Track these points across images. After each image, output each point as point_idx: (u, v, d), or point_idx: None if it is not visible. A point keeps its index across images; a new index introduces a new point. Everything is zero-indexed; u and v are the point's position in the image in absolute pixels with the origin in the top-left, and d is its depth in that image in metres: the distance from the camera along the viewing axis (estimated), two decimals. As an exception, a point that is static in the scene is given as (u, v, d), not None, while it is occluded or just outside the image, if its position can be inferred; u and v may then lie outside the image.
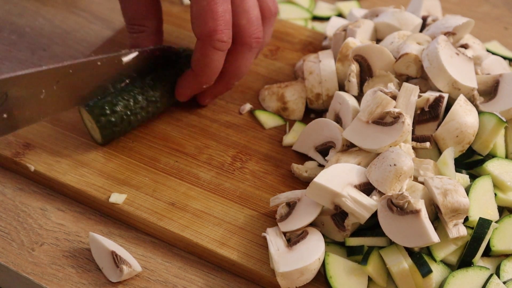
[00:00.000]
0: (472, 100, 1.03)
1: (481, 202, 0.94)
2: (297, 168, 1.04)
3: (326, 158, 1.02)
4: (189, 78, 1.08)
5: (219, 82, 1.10)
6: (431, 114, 1.00)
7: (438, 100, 1.00)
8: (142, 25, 1.10)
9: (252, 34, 1.06)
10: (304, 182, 1.03)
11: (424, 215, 0.87)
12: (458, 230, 0.90)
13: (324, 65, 1.11)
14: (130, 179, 1.03)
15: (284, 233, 0.94)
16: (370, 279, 0.91)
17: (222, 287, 0.93)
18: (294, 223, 0.93)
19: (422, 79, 1.06)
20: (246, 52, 1.08)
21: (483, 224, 0.90)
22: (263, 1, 1.09)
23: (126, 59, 1.05)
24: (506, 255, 0.94)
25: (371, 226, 0.94)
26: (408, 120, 0.95)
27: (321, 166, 1.04)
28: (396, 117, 0.95)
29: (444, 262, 0.91)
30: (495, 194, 0.96)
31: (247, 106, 1.15)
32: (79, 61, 1.00)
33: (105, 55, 1.03)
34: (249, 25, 1.06)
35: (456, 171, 0.96)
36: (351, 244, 0.92)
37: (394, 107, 0.97)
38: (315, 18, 1.38)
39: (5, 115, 0.94)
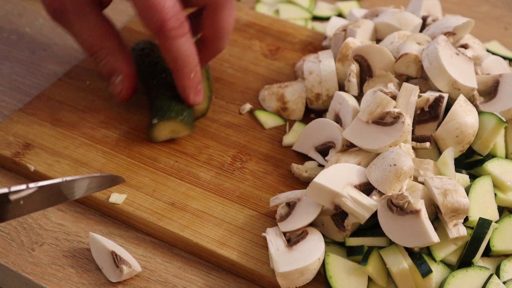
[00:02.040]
0: (472, 100, 1.03)
1: (481, 202, 0.94)
2: (297, 168, 1.04)
3: (326, 158, 1.02)
4: (180, 79, 1.05)
5: (209, 47, 1.08)
6: (431, 114, 1.00)
7: (438, 100, 1.00)
8: (104, 47, 1.06)
9: None
10: (304, 182, 1.03)
11: (424, 215, 0.87)
12: (458, 230, 0.90)
13: (324, 65, 1.11)
14: (130, 179, 1.03)
15: (284, 233, 0.94)
16: (370, 279, 0.91)
17: (222, 287, 0.93)
18: (294, 223, 0.93)
19: (422, 79, 1.06)
20: (221, 11, 1.05)
21: (483, 224, 0.90)
22: None
23: (15, 196, 0.79)
24: (506, 255, 0.94)
25: (371, 226, 0.94)
26: (408, 120, 0.95)
27: (321, 166, 1.04)
28: (396, 117, 0.95)
29: (444, 262, 0.91)
30: (495, 194, 0.96)
31: (247, 106, 1.15)
32: None
33: None
34: None
35: (456, 171, 0.96)
36: (351, 244, 0.92)
37: (394, 107, 0.97)
38: (315, 18, 1.38)
39: None
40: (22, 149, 1.06)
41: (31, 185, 0.77)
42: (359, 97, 1.05)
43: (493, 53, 1.20)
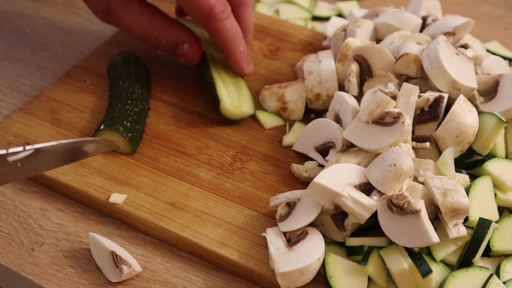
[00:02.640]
0: (472, 100, 1.03)
1: (481, 202, 0.94)
2: (297, 168, 1.04)
3: (326, 158, 1.02)
4: (233, 55, 1.13)
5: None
6: (431, 114, 1.00)
7: (438, 100, 1.00)
8: (159, 27, 1.12)
9: None
10: (304, 182, 1.03)
11: (424, 215, 0.87)
12: (458, 230, 0.90)
13: (324, 65, 1.11)
14: (130, 179, 1.03)
15: (284, 233, 0.94)
16: (370, 279, 0.91)
17: (222, 287, 0.93)
18: (294, 223, 0.93)
19: (422, 79, 1.06)
20: (244, 9, 1.15)
21: (483, 224, 0.90)
22: None
23: (13, 158, 0.84)
24: (506, 255, 0.94)
25: (371, 226, 0.94)
26: (408, 120, 0.95)
27: (321, 166, 1.04)
28: (396, 117, 0.95)
29: (444, 262, 0.91)
30: (495, 194, 0.96)
31: None
32: None
33: None
34: None
35: (456, 171, 0.96)
36: (351, 244, 0.92)
37: (394, 107, 0.97)
38: (315, 18, 1.38)
39: None
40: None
41: (28, 147, 0.83)
42: (359, 97, 1.05)
43: (493, 53, 1.20)
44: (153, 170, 1.05)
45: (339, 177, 0.92)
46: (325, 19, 1.38)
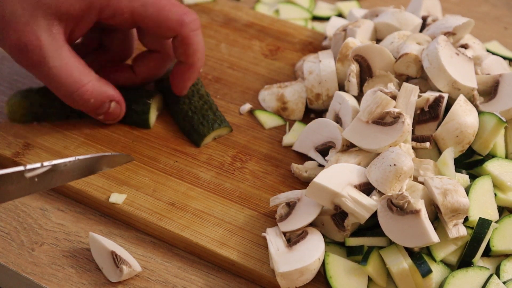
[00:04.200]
0: (472, 100, 1.03)
1: (481, 202, 0.94)
2: (297, 168, 1.04)
3: (326, 158, 1.02)
4: (193, 72, 1.07)
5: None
6: (431, 114, 1.00)
7: (438, 100, 1.00)
8: (90, 80, 1.02)
9: (183, 15, 1.03)
10: (304, 182, 1.03)
11: (424, 215, 0.87)
12: (458, 230, 0.90)
13: (324, 65, 1.11)
14: (130, 179, 1.03)
15: (284, 233, 0.94)
16: (370, 279, 0.91)
17: (222, 287, 0.93)
18: (294, 223, 0.93)
19: (422, 79, 1.06)
20: (193, 37, 1.05)
21: (483, 224, 0.90)
22: None
23: (30, 174, 0.83)
24: (506, 255, 0.94)
25: (371, 226, 0.94)
26: (408, 120, 0.95)
27: (321, 166, 1.04)
28: (396, 117, 0.95)
29: (444, 262, 0.91)
30: (495, 194, 0.96)
31: (247, 106, 1.15)
32: None
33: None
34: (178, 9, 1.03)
35: (456, 171, 0.96)
36: (351, 244, 0.92)
37: (394, 107, 0.97)
38: (315, 18, 1.38)
39: None
40: (22, 149, 1.06)
41: (46, 163, 0.81)
42: (359, 97, 1.05)
43: (493, 53, 1.19)
44: (153, 170, 1.05)
45: (339, 177, 0.92)
46: (325, 19, 1.38)
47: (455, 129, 0.97)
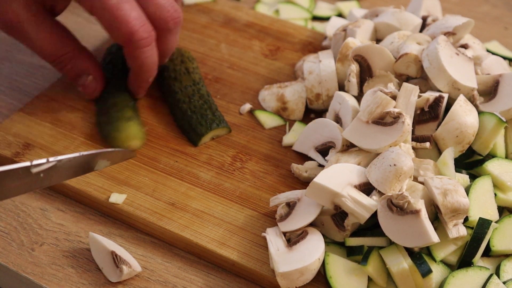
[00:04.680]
0: (472, 100, 1.03)
1: (481, 202, 0.94)
2: (297, 168, 1.04)
3: (326, 158, 1.02)
4: (140, 81, 1.10)
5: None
6: (431, 114, 1.00)
7: (438, 100, 1.00)
8: (68, 51, 1.08)
9: (167, 18, 1.06)
10: (304, 182, 1.03)
11: (424, 215, 0.87)
12: (458, 230, 0.90)
13: (324, 65, 1.11)
14: (130, 179, 1.03)
15: (284, 233, 0.94)
16: (370, 279, 0.91)
17: (222, 287, 0.93)
18: (294, 223, 0.93)
19: (422, 79, 1.06)
20: (168, 36, 1.08)
21: (483, 224, 0.90)
22: None
23: (36, 170, 0.86)
24: (506, 255, 0.94)
25: (371, 226, 0.94)
26: (408, 120, 0.95)
27: (321, 166, 1.04)
28: (396, 117, 0.95)
29: (444, 262, 0.91)
30: (495, 194, 0.96)
31: (247, 106, 1.15)
32: None
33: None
34: (160, 11, 1.05)
35: (456, 171, 0.96)
36: (351, 244, 0.92)
37: (394, 107, 0.97)
38: (315, 18, 1.38)
39: None
40: (22, 149, 1.06)
41: (51, 159, 0.85)
42: (359, 97, 1.05)
43: (493, 53, 1.19)
44: (153, 170, 1.05)
45: (339, 177, 0.92)
46: (325, 19, 1.38)
47: (455, 129, 0.97)
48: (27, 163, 0.83)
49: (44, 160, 0.84)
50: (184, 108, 1.10)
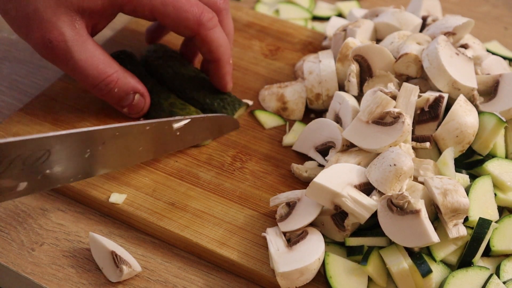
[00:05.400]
0: (472, 100, 1.03)
1: (481, 202, 0.94)
2: (297, 168, 1.04)
3: (326, 158, 1.02)
4: (223, 66, 1.10)
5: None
6: (431, 114, 1.00)
7: (438, 100, 1.00)
8: (114, 71, 1.05)
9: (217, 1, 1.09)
10: (304, 182, 1.03)
11: (424, 215, 0.87)
12: (458, 230, 0.90)
13: (324, 65, 1.11)
14: (130, 179, 1.03)
15: (284, 233, 0.94)
16: (370, 279, 0.91)
17: (222, 287, 0.93)
18: (294, 223, 0.93)
19: (422, 79, 1.06)
20: (222, 17, 1.10)
21: (483, 224, 0.90)
22: None
23: (177, 125, 1.01)
24: (506, 255, 0.94)
25: (371, 226, 0.94)
26: (408, 120, 0.95)
27: (321, 166, 1.04)
28: (396, 117, 0.95)
29: (444, 262, 0.91)
30: (495, 194, 0.96)
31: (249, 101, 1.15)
32: (127, 124, 0.96)
33: (155, 120, 0.99)
34: None
35: (456, 171, 0.96)
36: (351, 244, 0.92)
37: (394, 107, 0.97)
38: (315, 18, 1.39)
39: (47, 171, 0.90)
40: (22, 149, 1.06)
41: (187, 117, 1.02)
42: (359, 97, 1.05)
43: (493, 53, 1.20)
44: (153, 170, 1.05)
45: (339, 177, 0.92)
46: (325, 19, 1.38)
47: (455, 129, 0.97)
48: (170, 118, 0.99)
49: (181, 117, 1.01)
50: (201, 98, 1.12)
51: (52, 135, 0.88)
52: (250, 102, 1.15)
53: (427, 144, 0.98)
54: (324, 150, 1.03)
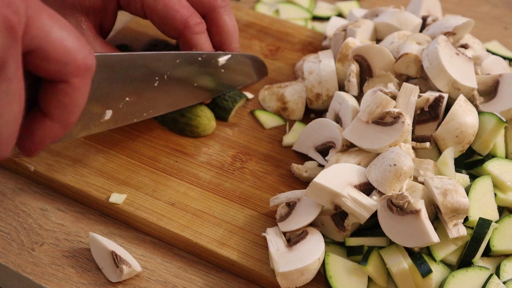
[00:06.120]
0: (472, 100, 1.03)
1: (481, 202, 0.94)
2: (297, 168, 1.04)
3: (326, 158, 1.02)
4: None
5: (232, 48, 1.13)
6: (431, 114, 1.00)
7: (438, 100, 1.00)
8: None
9: None
10: (304, 182, 1.03)
11: (424, 215, 0.87)
12: (458, 230, 0.90)
13: (324, 65, 1.11)
14: (130, 179, 1.03)
15: (284, 233, 0.94)
16: (370, 279, 0.91)
17: (222, 287, 0.93)
18: (294, 223, 0.93)
19: (422, 79, 1.06)
20: (223, 14, 1.10)
21: (483, 224, 0.90)
22: None
23: (221, 59, 1.07)
24: (506, 255, 0.94)
25: (371, 226, 0.94)
26: (408, 120, 0.95)
27: (321, 166, 1.04)
28: (396, 117, 0.95)
29: (444, 262, 0.91)
30: (495, 194, 0.96)
31: (249, 95, 1.15)
32: (183, 52, 1.02)
33: (205, 52, 1.05)
34: None
35: (456, 171, 0.96)
36: (351, 244, 0.92)
37: (394, 107, 0.97)
38: (315, 18, 1.38)
39: (127, 99, 0.97)
40: (22, 149, 1.06)
41: (227, 52, 1.09)
42: (359, 97, 1.05)
43: (493, 53, 1.20)
44: (153, 170, 1.05)
45: (339, 177, 0.92)
46: (325, 19, 1.38)
47: (455, 129, 0.97)
48: (215, 53, 1.06)
49: (222, 52, 1.07)
50: None
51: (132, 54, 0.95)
52: (250, 95, 1.15)
53: (427, 144, 0.98)
54: (324, 150, 1.03)
